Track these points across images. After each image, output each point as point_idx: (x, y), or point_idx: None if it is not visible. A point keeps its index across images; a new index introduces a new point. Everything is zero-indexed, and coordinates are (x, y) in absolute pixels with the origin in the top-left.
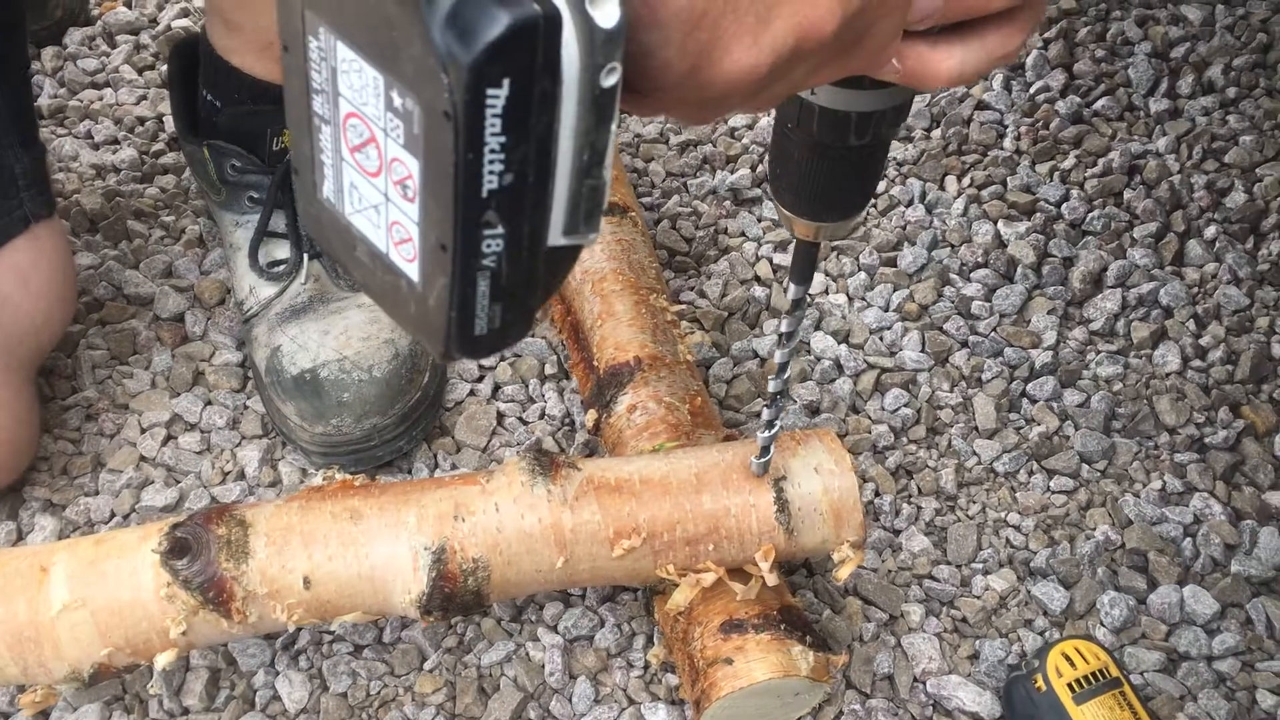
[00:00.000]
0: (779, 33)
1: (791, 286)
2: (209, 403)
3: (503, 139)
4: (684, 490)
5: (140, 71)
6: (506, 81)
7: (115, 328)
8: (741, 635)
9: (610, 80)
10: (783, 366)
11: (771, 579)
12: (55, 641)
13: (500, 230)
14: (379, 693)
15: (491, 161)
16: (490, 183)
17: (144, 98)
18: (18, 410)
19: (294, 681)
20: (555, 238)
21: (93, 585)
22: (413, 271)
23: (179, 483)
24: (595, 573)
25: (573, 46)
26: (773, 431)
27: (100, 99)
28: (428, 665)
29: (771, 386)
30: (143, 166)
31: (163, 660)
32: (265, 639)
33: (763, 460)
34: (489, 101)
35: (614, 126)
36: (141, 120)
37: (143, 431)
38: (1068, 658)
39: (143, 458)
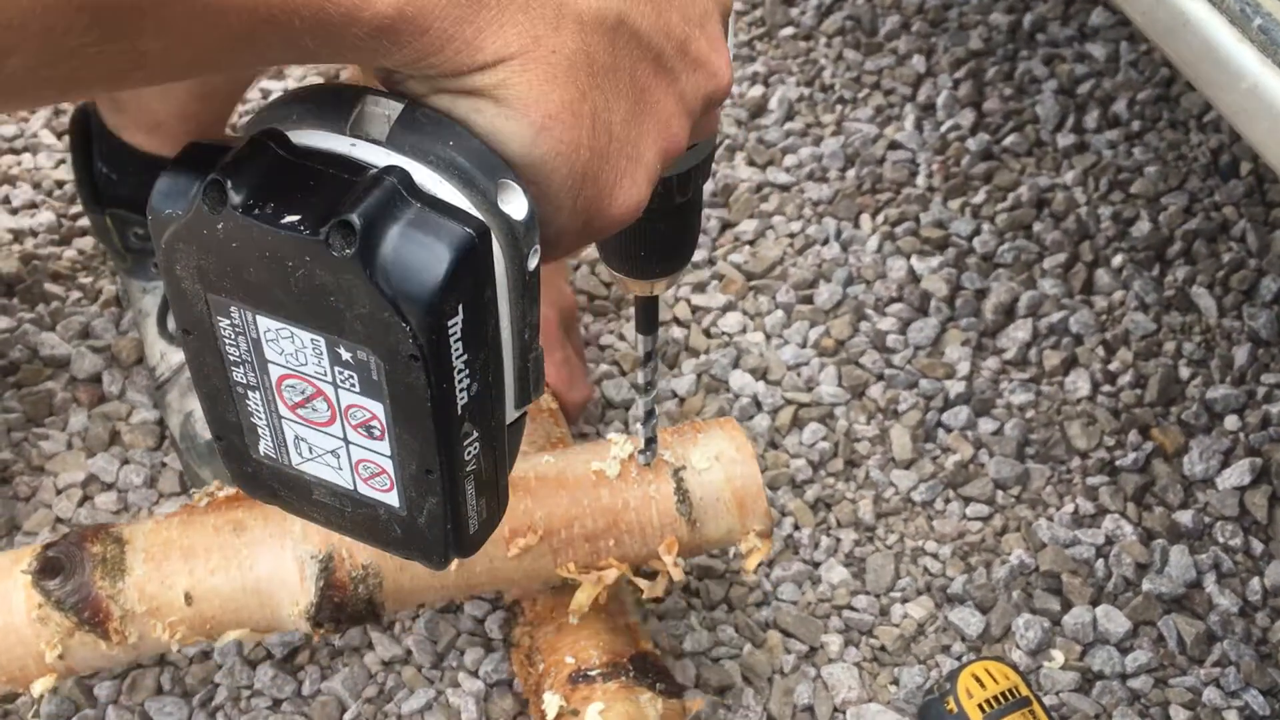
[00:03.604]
0: (650, 163)
1: (639, 339)
2: (126, 461)
3: (465, 357)
4: (581, 485)
5: (59, 136)
6: (461, 306)
7: (31, 390)
8: (589, 685)
9: (534, 262)
10: (649, 414)
11: (677, 573)
12: None
13: (475, 434)
14: None
15: (460, 380)
16: (462, 399)
17: (63, 162)
18: None
19: None
20: (511, 414)
21: None
22: (392, 499)
23: None
24: (493, 575)
25: (498, 247)
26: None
27: (19, 164)
28: (348, 716)
29: (642, 434)
30: (60, 229)
31: (40, 686)
32: (181, 696)
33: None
34: (450, 330)
35: (539, 297)
36: (60, 184)
37: (59, 493)
38: (978, 679)
39: (58, 519)
